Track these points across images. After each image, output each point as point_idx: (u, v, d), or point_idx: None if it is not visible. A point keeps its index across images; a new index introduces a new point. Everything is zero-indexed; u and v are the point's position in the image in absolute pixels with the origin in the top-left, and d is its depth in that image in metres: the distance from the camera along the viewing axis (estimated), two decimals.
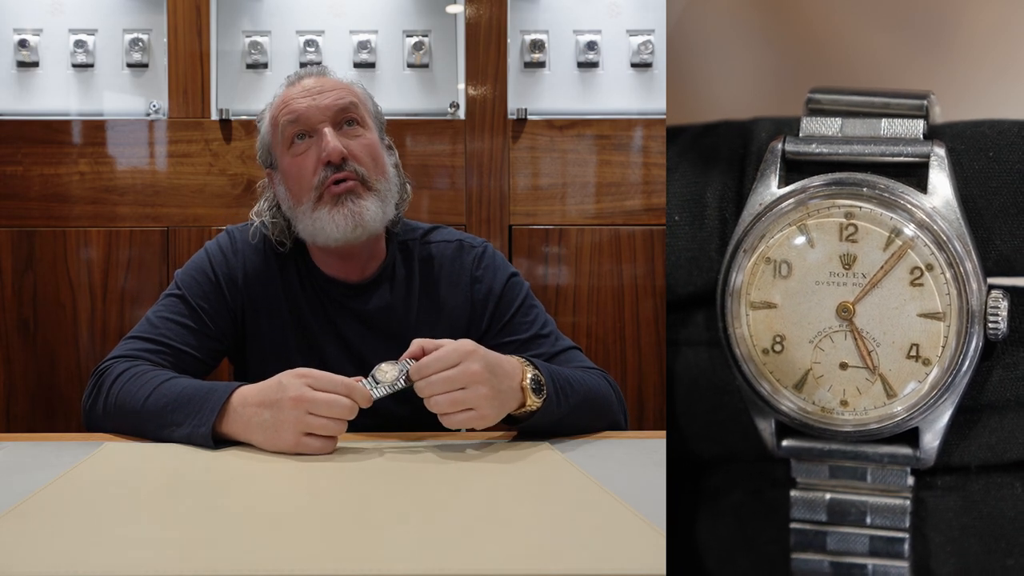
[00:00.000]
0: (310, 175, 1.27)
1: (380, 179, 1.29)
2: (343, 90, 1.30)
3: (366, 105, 1.33)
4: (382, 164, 1.30)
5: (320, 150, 1.26)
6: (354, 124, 1.29)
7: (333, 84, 1.30)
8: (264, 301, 1.33)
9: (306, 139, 1.28)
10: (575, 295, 2.20)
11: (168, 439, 1.10)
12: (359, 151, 1.28)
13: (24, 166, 2.14)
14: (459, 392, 1.04)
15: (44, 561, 0.70)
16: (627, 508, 0.83)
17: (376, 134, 1.32)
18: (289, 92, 1.30)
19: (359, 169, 1.27)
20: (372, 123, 1.32)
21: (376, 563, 0.70)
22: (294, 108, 1.28)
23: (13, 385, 2.13)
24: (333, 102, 1.28)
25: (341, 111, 1.28)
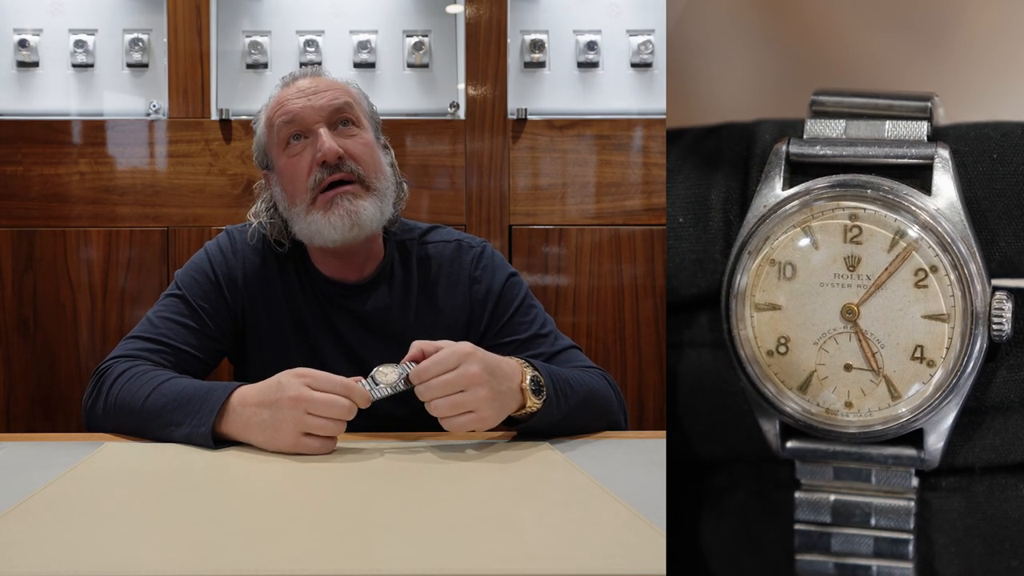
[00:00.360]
0: (305, 176, 1.27)
1: (378, 178, 1.29)
2: (338, 90, 1.30)
3: (361, 105, 1.33)
4: (379, 163, 1.31)
5: (316, 151, 1.26)
6: (349, 124, 1.29)
7: (328, 84, 1.30)
8: (263, 301, 1.33)
9: (302, 140, 1.28)
10: (575, 295, 2.20)
11: (168, 439, 1.10)
12: (356, 150, 1.28)
13: (24, 166, 2.14)
14: (459, 395, 1.04)
15: (44, 561, 0.70)
16: (627, 508, 0.83)
17: (372, 133, 1.32)
18: (284, 93, 1.30)
19: (356, 168, 1.27)
20: (368, 122, 1.32)
21: (376, 563, 0.70)
22: (289, 109, 1.28)
23: (13, 385, 2.13)
24: (328, 102, 1.28)
25: (336, 111, 1.28)
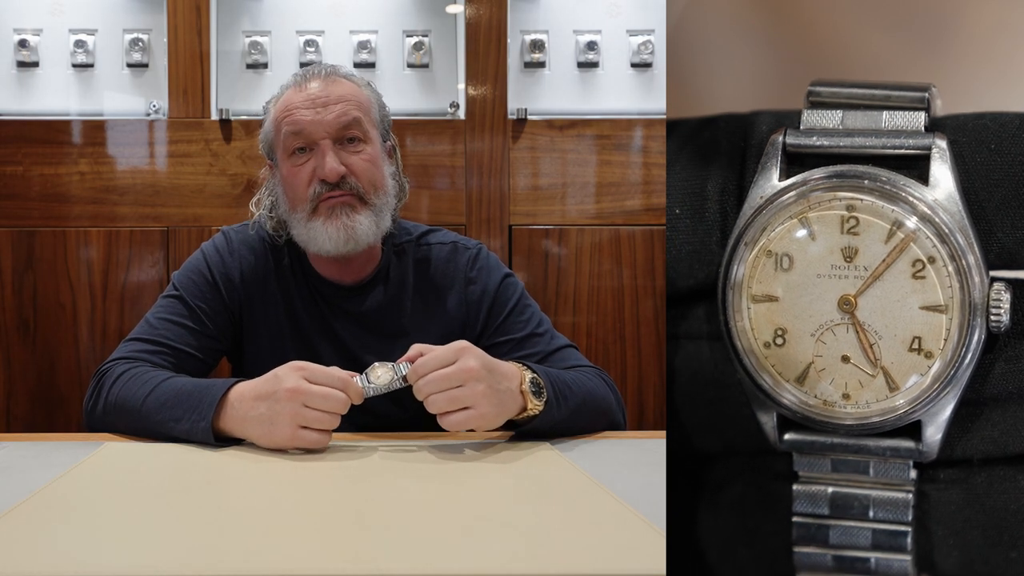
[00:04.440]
0: (306, 186, 1.27)
1: (377, 194, 1.29)
2: (348, 102, 1.28)
3: (370, 114, 1.31)
4: (380, 178, 1.30)
5: (317, 166, 1.26)
6: (356, 141, 1.28)
7: (339, 95, 1.28)
8: (261, 301, 1.33)
9: (306, 151, 1.27)
10: (575, 295, 2.20)
11: (168, 434, 1.10)
12: (358, 167, 1.27)
13: (24, 166, 2.14)
14: (456, 390, 1.04)
15: (44, 561, 0.70)
16: (627, 508, 0.83)
17: (378, 145, 1.31)
18: (295, 96, 1.29)
19: (356, 185, 1.27)
20: (375, 132, 1.31)
21: (376, 563, 0.70)
22: (297, 120, 1.27)
23: (13, 385, 2.13)
24: (336, 118, 1.26)
25: (343, 128, 1.27)
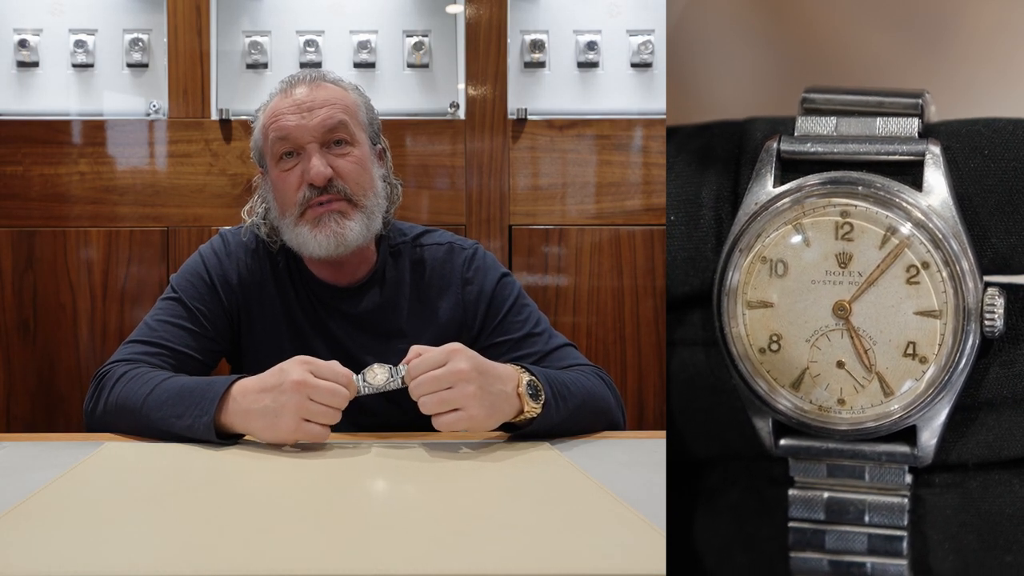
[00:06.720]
0: (294, 191, 1.27)
1: (366, 195, 1.29)
2: (334, 106, 1.28)
3: (357, 116, 1.31)
4: (369, 180, 1.30)
5: (305, 170, 1.26)
6: (343, 143, 1.28)
7: (324, 99, 1.28)
8: (258, 302, 1.34)
9: (294, 156, 1.28)
10: (575, 295, 2.20)
11: (169, 431, 1.10)
12: (346, 170, 1.27)
13: (24, 166, 2.14)
14: (446, 391, 1.04)
15: (44, 561, 0.70)
16: (627, 508, 0.83)
17: (366, 147, 1.31)
18: (281, 103, 1.29)
19: (344, 188, 1.27)
20: (363, 135, 1.31)
21: (376, 563, 0.70)
22: (283, 125, 1.27)
23: (13, 385, 2.13)
24: (322, 121, 1.27)
25: (329, 131, 1.27)
